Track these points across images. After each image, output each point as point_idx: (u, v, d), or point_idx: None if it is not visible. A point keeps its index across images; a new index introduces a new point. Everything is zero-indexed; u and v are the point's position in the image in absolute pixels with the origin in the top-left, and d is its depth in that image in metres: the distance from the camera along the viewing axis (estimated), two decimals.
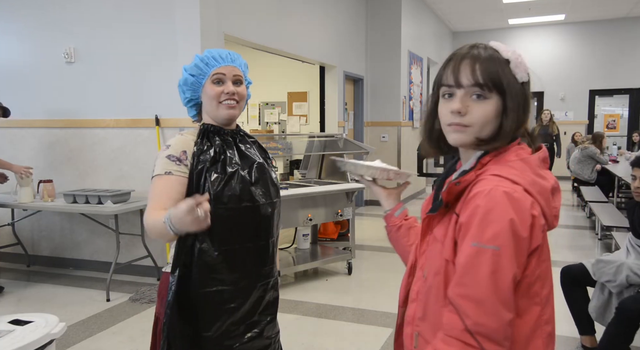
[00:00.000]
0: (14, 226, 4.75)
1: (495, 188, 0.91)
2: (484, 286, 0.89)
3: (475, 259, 0.90)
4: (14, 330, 1.95)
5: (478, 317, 0.89)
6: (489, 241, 0.89)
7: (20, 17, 4.69)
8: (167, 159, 1.47)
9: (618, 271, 2.69)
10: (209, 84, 1.52)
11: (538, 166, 0.99)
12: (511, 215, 0.89)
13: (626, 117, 11.43)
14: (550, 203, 0.97)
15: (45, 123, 4.68)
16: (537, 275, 0.95)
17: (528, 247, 0.91)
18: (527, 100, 1.03)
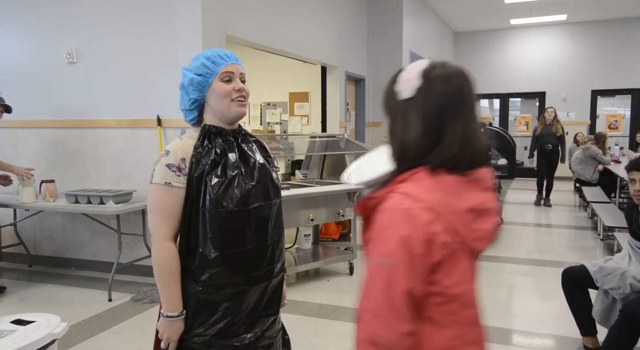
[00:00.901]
0: (16, 226, 4.76)
1: (396, 205, 0.95)
2: (380, 300, 0.94)
3: (373, 274, 0.96)
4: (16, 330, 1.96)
5: (376, 328, 0.94)
6: (385, 256, 0.94)
7: (22, 17, 4.70)
8: (167, 168, 1.46)
9: (622, 280, 2.68)
10: (218, 83, 1.51)
11: (457, 186, 0.98)
12: (405, 231, 0.92)
13: (628, 118, 11.40)
14: (468, 225, 0.98)
15: (47, 123, 4.68)
16: (454, 295, 0.97)
17: (424, 263, 0.93)
18: (408, 116, 1.02)
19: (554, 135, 7.60)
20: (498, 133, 5.81)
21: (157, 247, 1.46)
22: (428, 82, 1.01)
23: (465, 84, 1.05)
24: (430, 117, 1.00)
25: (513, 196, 9.36)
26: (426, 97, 1.00)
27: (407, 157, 1.02)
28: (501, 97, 12.29)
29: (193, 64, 1.54)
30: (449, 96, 1.01)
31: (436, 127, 0.99)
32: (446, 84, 1.01)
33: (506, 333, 3.30)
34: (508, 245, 5.57)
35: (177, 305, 1.46)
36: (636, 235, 2.81)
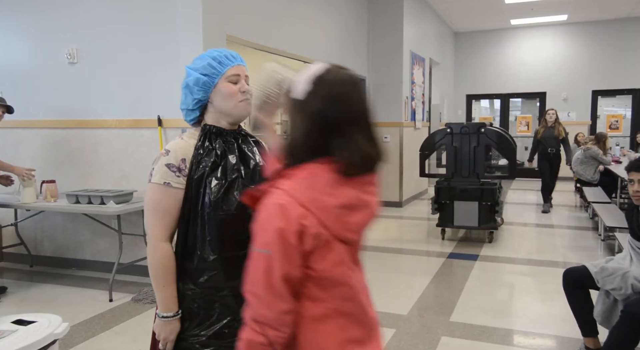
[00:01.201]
0: (17, 226, 4.76)
1: (274, 200, 1.08)
2: (260, 284, 1.08)
3: (254, 261, 1.09)
4: (17, 330, 1.96)
5: (258, 308, 1.09)
6: (262, 246, 1.08)
7: (23, 17, 4.70)
8: (167, 168, 1.45)
9: (623, 280, 2.68)
10: (225, 83, 1.50)
11: (328, 185, 1.09)
12: (280, 224, 1.05)
13: (629, 118, 11.40)
14: (339, 219, 1.10)
15: (48, 123, 4.69)
16: (328, 277, 1.11)
17: (298, 251, 1.07)
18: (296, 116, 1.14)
19: (557, 138, 7.31)
20: (498, 133, 5.81)
21: (152, 248, 1.46)
22: (316, 87, 1.11)
23: (353, 91, 1.14)
24: (314, 120, 1.10)
25: (513, 196, 9.36)
26: (313, 101, 1.11)
27: (294, 154, 1.14)
28: (502, 97, 12.29)
29: (198, 64, 1.53)
30: (334, 102, 1.10)
31: (320, 130, 1.10)
32: (332, 90, 1.11)
33: (507, 333, 3.30)
34: (509, 246, 5.57)
35: (172, 306, 1.46)
36: (637, 236, 2.81)
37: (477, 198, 5.51)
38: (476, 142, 5.62)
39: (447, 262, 4.96)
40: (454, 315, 3.57)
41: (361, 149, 1.11)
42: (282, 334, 1.09)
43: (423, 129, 9.29)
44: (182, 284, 1.48)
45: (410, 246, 5.67)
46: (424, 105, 9.45)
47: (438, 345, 3.11)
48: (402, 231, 6.57)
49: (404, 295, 4.03)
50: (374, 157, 1.15)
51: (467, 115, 12.60)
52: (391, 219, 7.26)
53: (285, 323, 1.09)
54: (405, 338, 3.20)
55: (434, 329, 3.35)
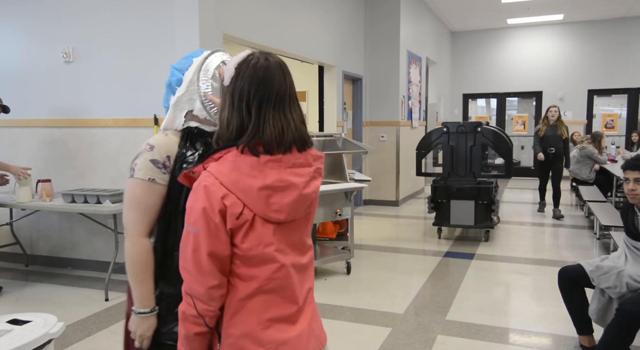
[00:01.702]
0: (12, 226, 4.74)
1: (201, 181, 1.15)
2: (189, 260, 1.16)
3: (184, 239, 1.17)
4: (13, 329, 1.95)
5: (190, 283, 1.17)
6: (191, 224, 1.15)
7: (18, 17, 4.68)
8: (152, 164, 1.44)
9: (618, 279, 2.69)
10: None
11: (253, 168, 1.15)
12: (204, 204, 1.12)
13: (624, 117, 11.45)
14: (263, 199, 1.16)
15: (44, 123, 4.67)
16: (253, 255, 1.16)
17: (221, 230, 1.13)
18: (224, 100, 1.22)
19: (559, 138, 6.78)
20: (495, 132, 5.82)
21: (132, 243, 1.44)
22: (240, 71, 1.20)
23: (276, 74, 1.21)
24: (235, 100, 1.19)
25: (510, 195, 9.38)
26: (235, 84, 1.20)
27: (222, 137, 1.21)
28: (498, 96, 12.32)
29: (183, 64, 1.53)
30: (256, 85, 1.18)
31: (239, 110, 1.18)
32: (255, 73, 1.19)
33: (503, 332, 3.31)
34: (505, 245, 5.59)
35: (149, 301, 1.45)
36: (632, 235, 2.82)
37: (473, 197, 5.53)
38: (473, 141, 5.63)
39: (443, 261, 4.97)
40: (450, 314, 3.58)
41: (273, 128, 1.17)
42: (211, 308, 1.17)
43: (420, 128, 9.30)
44: (162, 281, 1.48)
45: (407, 245, 5.68)
46: (421, 105, 9.46)
47: (434, 344, 3.12)
48: (399, 230, 6.58)
49: (400, 294, 4.03)
50: (290, 137, 1.19)
51: (463, 115, 12.63)
52: (388, 218, 7.26)
53: (213, 298, 1.16)
54: (401, 337, 3.21)
55: (431, 327, 3.36)
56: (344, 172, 4.58)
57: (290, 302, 1.24)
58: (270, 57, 1.23)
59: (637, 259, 2.76)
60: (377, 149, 7.63)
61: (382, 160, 8.09)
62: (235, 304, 1.19)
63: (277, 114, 1.19)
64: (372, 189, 8.05)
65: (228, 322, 1.19)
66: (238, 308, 1.18)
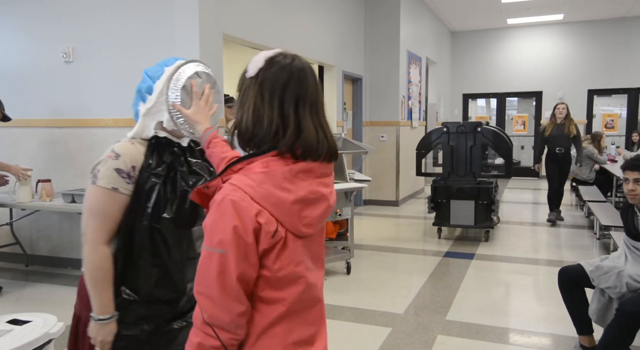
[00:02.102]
0: (12, 226, 4.74)
1: (226, 196, 1.02)
2: (213, 285, 1.02)
3: (206, 261, 1.03)
4: (12, 330, 1.95)
5: (212, 311, 1.03)
6: (216, 245, 1.01)
7: (18, 16, 4.68)
8: (117, 173, 1.42)
9: (618, 279, 2.69)
10: None
11: (285, 179, 1.05)
12: (235, 222, 1.00)
13: (624, 117, 11.44)
14: (296, 214, 1.06)
15: (44, 123, 4.67)
16: (282, 276, 1.06)
17: (253, 250, 1.02)
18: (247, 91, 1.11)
19: (567, 137, 6.34)
20: (495, 132, 5.82)
21: (92, 251, 1.42)
22: (268, 64, 1.10)
23: (311, 76, 1.12)
24: (268, 97, 1.08)
25: (510, 195, 9.38)
26: (264, 74, 1.09)
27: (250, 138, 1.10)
28: (498, 96, 12.32)
29: (155, 72, 1.52)
30: (286, 75, 1.08)
31: (271, 104, 1.07)
32: (283, 69, 1.09)
33: (503, 332, 3.31)
34: (505, 245, 5.59)
35: (109, 308, 1.44)
36: (632, 235, 2.82)
37: (473, 197, 5.53)
38: (472, 141, 5.63)
39: (443, 261, 4.97)
40: (450, 314, 3.58)
41: (312, 134, 1.08)
42: (237, 337, 1.05)
43: (420, 128, 9.30)
44: (126, 290, 1.47)
45: (407, 245, 5.68)
46: (421, 105, 9.46)
47: (434, 344, 3.12)
48: (399, 230, 6.58)
49: (400, 294, 4.03)
50: (326, 146, 1.10)
51: (463, 115, 12.63)
52: (388, 218, 7.26)
53: (240, 325, 1.05)
54: (401, 337, 3.21)
55: (430, 327, 3.36)
56: (344, 172, 4.58)
57: (312, 323, 1.15)
58: (302, 59, 1.14)
59: (637, 259, 2.76)
60: (377, 149, 7.63)
61: (382, 160, 8.09)
62: (259, 330, 1.07)
63: (314, 119, 1.10)
64: (372, 189, 8.05)
65: (250, 349, 1.08)
66: (262, 334, 1.08)
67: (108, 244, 1.45)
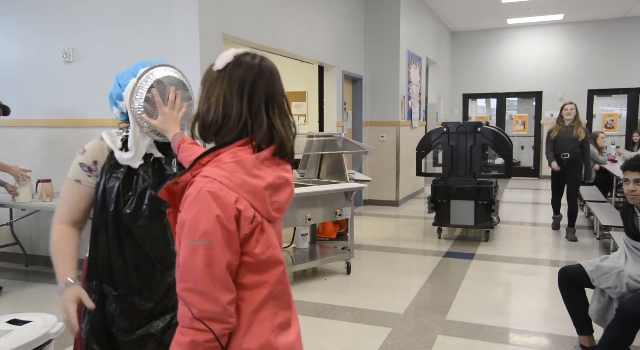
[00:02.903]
0: (12, 226, 4.74)
1: (202, 189, 1.04)
2: (201, 278, 1.03)
3: (191, 256, 1.03)
4: (12, 330, 1.95)
5: (201, 304, 1.03)
6: (200, 238, 1.02)
7: (19, 17, 4.68)
8: (79, 167, 1.61)
9: (618, 279, 2.68)
10: None
11: (254, 166, 1.10)
12: (217, 212, 1.02)
13: (624, 117, 11.44)
14: (267, 199, 1.11)
15: (44, 122, 4.67)
16: (263, 260, 1.10)
17: (237, 237, 1.05)
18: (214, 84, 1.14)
19: (575, 141, 5.68)
20: (495, 132, 5.82)
21: (54, 228, 1.59)
22: (241, 61, 1.14)
23: (278, 78, 1.18)
24: (233, 85, 1.12)
25: (510, 195, 9.38)
26: (233, 69, 1.13)
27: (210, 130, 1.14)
28: (498, 96, 12.32)
29: (125, 79, 1.63)
30: (254, 72, 1.13)
31: (240, 98, 1.11)
32: (261, 70, 1.14)
33: (503, 332, 3.31)
34: (505, 245, 5.59)
35: (66, 276, 1.52)
36: (632, 235, 2.82)
37: (473, 197, 5.53)
38: (472, 141, 5.63)
39: (443, 261, 4.97)
40: (450, 314, 3.58)
41: (285, 135, 1.14)
42: (229, 325, 1.07)
43: (420, 128, 9.30)
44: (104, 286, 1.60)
45: (407, 245, 5.68)
46: (421, 105, 9.46)
47: (434, 344, 3.12)
48: (399, 230, 6.58)
49: (400, 294, 4.03)
50: (289, 147, 1.16)
51: (463, 115, 12.63)
52: (388, 218, 7.26)
53: (231, 313, 1.07)
54: (401, 337, 3.21)
55: (430, 327, 3.36)
56: (344, 172, 4.58)
57: (288, 307, 1.20)
58: (269, 60, 1.19)
59: (637, 259, 2.76)
60: (377, 149, 7.63)
61: (382, 160, 8.09)
62: (247, 317, 1.10)
63: (283, 120, 1.16)
64: (372, 189, 8.05)
65: (242, 338, 1.09)
66: (251, 320, 1.10)
67: (70, 225, 1.60)
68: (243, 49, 1.18)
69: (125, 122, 1.69)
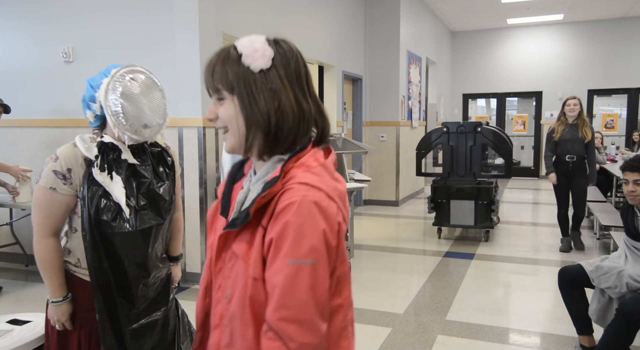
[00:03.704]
0: (12, 226, 4.74)
1: (304, 199, 0.86)
2: (305, 304, 0.84)
3: (294, 278, 0.84)
4: (12, 330, 1.95)
5: (302, 337, 0.84)
6: (305, 256, 0.84)
7: (18, 16, 4.68)
8: (54, 174, 1.56)
9: (618, 279, 2.68)
10: None
11: (333, 170, 0.96)
12: (323, 225, 0.86)
13: (624, 117, 11.45)
14: (346, 206, 0.95)
15: (44, 122, 4.67)
16: (340, 277, 0.94)
17: (335, 254, 0.90)
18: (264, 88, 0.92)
19: (581, 142, 4.99)
20: (495, 132, 5.82)
21: (38, 243, 1.59)
22: (278, 51, 0.95)
23: (302, 58, 0.99)
24: (295, 82, 0.94)
25: (510, 195, 9.38)
26: (281, 61, 0.94)
27: (280, 137, 0.92)
28: (498, 96, 12.32)
29: (97, 81, 1.62)
30: (301, 64, 0.97)
31: (302, 92, 0.95)
32: (292, 50, 0.97)
33: (503, 332, 3.31)
34: (505, 245, 5.58)
35: (60, 292, 1.62)
36: (632, 235, 2.82)
37: (473, 197, 5.53)
38: (472, 141, 5.63)
39: (443, 261, 4.97)
40: (450, 314, 3.58)
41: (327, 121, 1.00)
42: None
43: (420, 128, 9.30)
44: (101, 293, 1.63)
45: (407, 245, 5.68)
46: (421, 105, 9.46)
47: (434, 344, 3.12)
48: (399, 230, 6.58)
49: (401, 294, 4.03)
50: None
51: (463, 115, 12.63)
52: (388, 218, 7.26)
53: (325, 345, 0.89)
54: (401, 337, 3.21)
55: (430, 327, 3.36)
56: (344, 172, 4.58)
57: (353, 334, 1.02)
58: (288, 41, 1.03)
59: (637, 259, 2.76)
60: (377, 149, 7.63)
61: (382, 160, 8.09)
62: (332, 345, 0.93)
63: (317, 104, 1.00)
64: (372, 189, 8.05)
65: None
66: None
67: (54, 236, 1.61)
68: (260, 36, 0.97)
69: (97, 129, 1.67)
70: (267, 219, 0.89)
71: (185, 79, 4.06)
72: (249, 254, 0.90)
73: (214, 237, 1.01)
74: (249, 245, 0.91)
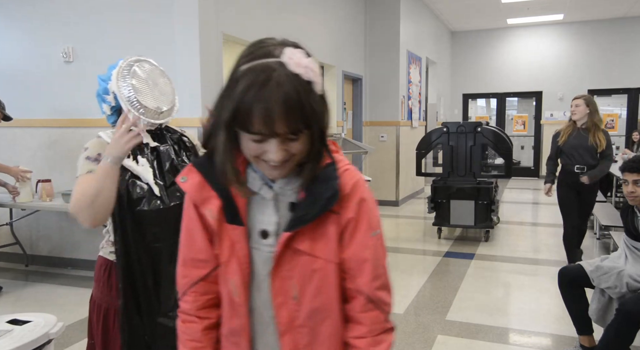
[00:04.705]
0: (12, 226, 4.74)
1: (359, 178, 0.96)
2: (387, 270, 0.95)
3: (378, 248, 0.95)
4: (12, 330, 1.95)
5: (389, 299, 0.95)
6: (377, 226, 0.96)
7: (18, 17, 4.68)
8: (87, 160, 1.65)
9: (618, 279, 2.69)
10: None
11: None
12: (373, 197, 0.97)
13: (624, 117, 11.45)
14: None
15: (44, 123, 4.67)
16: None
17: None
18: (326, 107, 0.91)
19: (591, 150, 4.14)
20: (495, 132, 5.82)
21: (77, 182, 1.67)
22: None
23: None
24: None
25: (509, 195, 9.38)
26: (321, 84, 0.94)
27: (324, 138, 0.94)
28: (498, 96, 12.32)
29: (107, 75, 1.70)
30: None
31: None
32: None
33: (503, 332, 3.31)
34: (505, 245, 5.59)
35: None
36: (632, 235, 2.82)
37: (473, 197, 5.53)
38: (472, 141, 5.63)
39: (443, 261, 4.97)
40: (450, 314, 3.58)
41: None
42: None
43: (420, 128, 9.30)
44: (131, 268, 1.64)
45: (407, 245, 5.68)
46: (421, 105, 9.46)
47: (434, 344, 3.12)
48: (399, 230, 6.58)
49: (400, 294, 4.03)
50: None
51: (463, 115, 12.63)
52: (388, 217, 7.26)
53: None
54: (401, 337, 3.21)
55: (430, 327, 3.36)
56: None
57: None
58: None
59: (637, 259, 2.76)
60: (377, 149, 7.63)
61: (382, 160, 8.09)
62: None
63: None
64: (372, 188, 7.98)
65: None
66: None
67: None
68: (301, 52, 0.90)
69: (114, 124, 1.71)
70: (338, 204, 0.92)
71: (185, 79, 4.05)
72: (317, 244, 0.92)
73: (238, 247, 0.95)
74: (315, 236, 0.92)
